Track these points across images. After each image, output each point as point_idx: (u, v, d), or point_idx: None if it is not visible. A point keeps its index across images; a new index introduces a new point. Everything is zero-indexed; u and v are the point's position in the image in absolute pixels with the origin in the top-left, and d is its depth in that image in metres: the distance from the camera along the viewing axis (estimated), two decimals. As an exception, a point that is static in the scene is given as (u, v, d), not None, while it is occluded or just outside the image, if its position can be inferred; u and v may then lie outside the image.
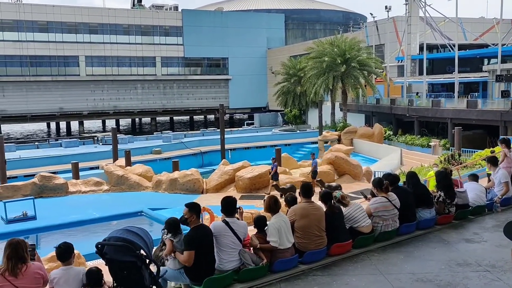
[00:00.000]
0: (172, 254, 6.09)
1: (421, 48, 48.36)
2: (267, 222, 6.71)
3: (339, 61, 42.60)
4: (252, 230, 6.95)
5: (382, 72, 47.57)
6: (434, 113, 36.46)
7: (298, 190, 7.94)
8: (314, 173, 21.88)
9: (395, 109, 41.55)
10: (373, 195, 8.14)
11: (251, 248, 6.62)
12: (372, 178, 23.16)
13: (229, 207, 6.44)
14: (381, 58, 48.48)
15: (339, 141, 37.87)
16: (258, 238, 6.57)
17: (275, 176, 21.11)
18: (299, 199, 7.42)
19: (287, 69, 54.01)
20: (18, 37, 57.70)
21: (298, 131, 47.22)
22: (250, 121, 61.69)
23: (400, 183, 8.63)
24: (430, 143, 34.23)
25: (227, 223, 6.27)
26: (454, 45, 40.98)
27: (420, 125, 39.01)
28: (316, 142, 39.72)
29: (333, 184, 20.62)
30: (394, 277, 6.48)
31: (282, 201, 7.66)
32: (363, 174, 24.05)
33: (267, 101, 69.48)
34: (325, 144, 37.23)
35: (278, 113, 59.86)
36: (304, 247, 6.91)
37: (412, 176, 8.75)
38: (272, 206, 6.71)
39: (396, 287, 6.11)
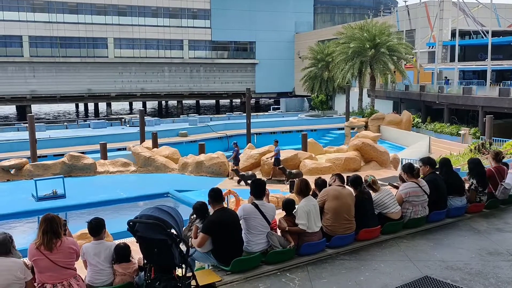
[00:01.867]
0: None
1: (453, 34, 47.20)
2: (296, 205, 6.69)
3: (368, 46, 41.95)
4: (278, 214, 6.95)
5: (412, 58, 46.66)
6: (465, 100, 35.68)
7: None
8: (277, 160, 21.24)
9: (424, 96, 40.81)
10: (402, 181, 8.03)
11: (279, 231, 6.62)
12: (400, 165, 22.91)
13: (258, 189, 6.45)
14: (411, 44, 47.53)
15: (366, 127, 37.44)
16: (286, 221, 6.56)
17: (235, 161, 21.41)
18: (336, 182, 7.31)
19: (315, 54, 53.47)
20: (49, 18, 58.47)
21: (324, 117, 46.86)
22: (276, 106, 61.50)
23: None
24: (459, 132, 33.57)
25: (256, 206, 6.28)
26: (487, 32, 39.87)
27: (450, 113, 38.26)
28: (342, 128, 39.38)
29: (294, 171, 20.91)
30: (423, 264, 6.40)
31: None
32: (390, 161, 23.75)
33: (294, 86, 69.06)
34: (351, 131, 36.87)
35: (305, 98, 59.49)
36: (332, 231, 6.87)
37: (445, 164, 8.58)
38: (303, 189, 6.67)
39: (426, 274, 6.03)
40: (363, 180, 7.39)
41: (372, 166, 22.88)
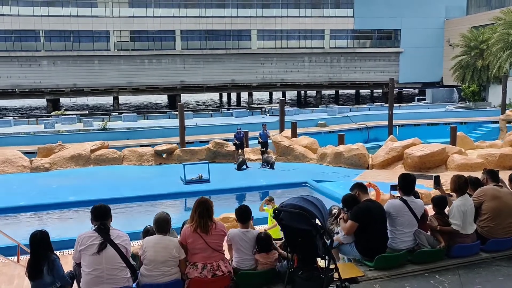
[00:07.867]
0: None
1: None
2: (454, 204, 6.18)
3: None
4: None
5: None
6: None
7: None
8: (264, 144, 23.18)
9: None
10: None
11: (428, 229, 6.20)
12: None
13: (408, 185, 6.10)
14: None
15: (525, 121, 33.86)
16: (436, 220, 6.11)
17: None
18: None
19: (467, 41, 49.62)
20: (199, 13, 62.14)
21: (476, 109, 43.35)
22: (421, 97, 58.45)
23: None
24: None
25: (405, 202, 5.94)
26: None
27: None
28: (497, 122, 36.03)
29: (271, 156, 21.57)
30: None
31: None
32: (554, 160, 21.11)
33: (442, 75, 64.90)
34: (508, 124, 33.56)
35: (454, 88, 55.61)
36: (489, 233, 6.25)
37: None
38: (462, 187, 6.13)
39: None
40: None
41: (532, 164, 20.56)
